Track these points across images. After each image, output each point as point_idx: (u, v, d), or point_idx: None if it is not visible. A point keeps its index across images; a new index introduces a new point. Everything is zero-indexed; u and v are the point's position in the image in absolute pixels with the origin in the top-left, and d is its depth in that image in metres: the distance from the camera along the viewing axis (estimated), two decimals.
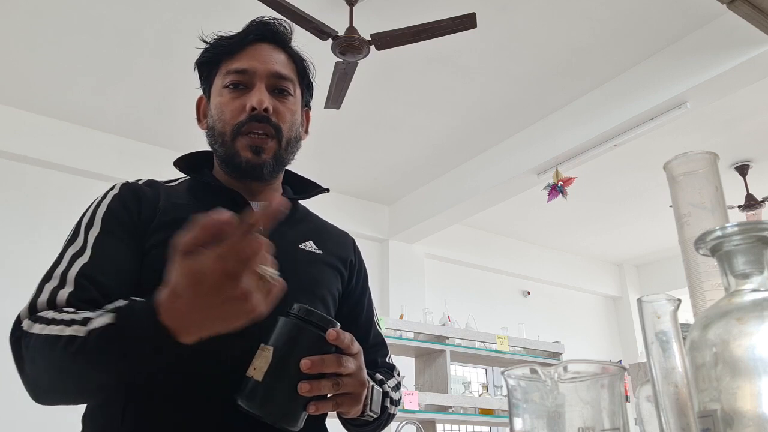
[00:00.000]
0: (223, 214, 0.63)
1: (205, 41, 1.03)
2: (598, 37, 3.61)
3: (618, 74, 3.95)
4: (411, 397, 3.17)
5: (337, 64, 3.20)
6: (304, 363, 0.72)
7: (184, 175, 1.04)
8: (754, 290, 0.47)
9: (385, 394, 0.94)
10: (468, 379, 4.69)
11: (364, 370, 0.81)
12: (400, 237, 5.68)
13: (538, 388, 0.50)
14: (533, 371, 0.51)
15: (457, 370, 5.63)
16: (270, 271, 0.64)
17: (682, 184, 0.63)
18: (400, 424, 3.15)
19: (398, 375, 1.09)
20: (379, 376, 0.97)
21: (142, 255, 0.88)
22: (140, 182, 0.98)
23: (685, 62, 3.59)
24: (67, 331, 0.72)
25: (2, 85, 3.91)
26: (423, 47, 3.35)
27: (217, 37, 1.03)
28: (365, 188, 5.48)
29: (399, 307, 5.01)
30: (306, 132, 1.11)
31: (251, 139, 0.95)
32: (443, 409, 3.38)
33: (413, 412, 3.17)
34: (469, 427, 5.13)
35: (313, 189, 1.11)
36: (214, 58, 1.02)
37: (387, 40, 3.01)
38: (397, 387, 1.04)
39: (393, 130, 4.55)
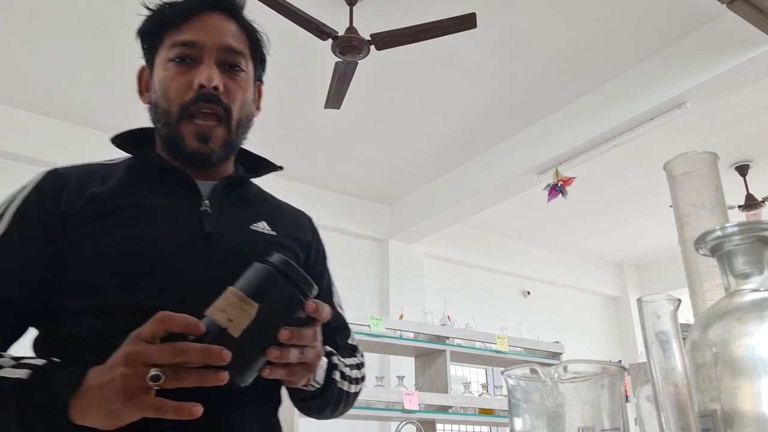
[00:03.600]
0: (185, 318, 0.66)
1: (148, 8, 0.94)
2: (598, 37, 3.61)
3: (618, 74, 3.95)
4: (411, 397, 3.17)
5: (337, 64, 3.20)
6: (284, 334, 0.69)
7: (124, 154, 0.96)
8: (754, 290, 0.47)
9: (333, 366, 0.90)
10: (468, 379, 4.69)
11: (322, 340, 0.79)
12: (400, 237, 5.68)
13: (538, 388, 0.50)
14: (533, 371, 0.51)
15: (457, 370, 5.63)
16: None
17: (682, 184, 0.63)
18: (400, 424, 3.15)
19: (362, 356, 1.05)
20: (327, 348, 0.92)
21: (61, 250, 0.81)
22: (69, 167, 0.91)
23: (685, 62, 3.59)
24: None
25: (2, 85, 3.91)
26: (423, 47, 3.35)
27: (161, 3, 0.94)
28: (365, 188, 5.48)
29: (399, 307, 5.01)
30: (258, 108, 1.02)
31: (198, 126, 0.89)
32: (443, 409, 3.38)
33: (413, 412, 3.17)
34: (469, 427, 5.13)
35: (265, 167, 1.04)
36: (159, 27, 0.94)
37: (387, 40, 3.01)
38: (358, 366, 1.00)
39: (393, 130, 4.55)
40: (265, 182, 1.03)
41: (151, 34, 0.95)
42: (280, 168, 1.04)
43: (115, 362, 0.66)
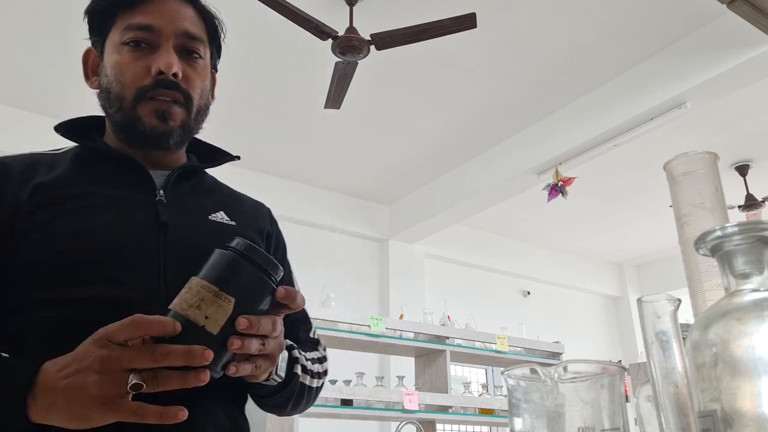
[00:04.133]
0: (161, 321, 0.63)
1: None
2: (598, 37, 3.61)
3: (618, 74, 3.95)
4: (411, 397, 3.17)
5: (337, 64, 3.20)
6: (242, 323, 0.64)
7: (70, 143, 0.93)
8: (754, 290, 0.47)
9: (295, 360, 0.86)
10: (468, 379, 4.69)
11: (283, 331, 0.75)
12: (400, 237, 5.68)
13: (538, 388, 0.50)
14: (533, 371, 0.51)
15: (457, 370, 5.64)
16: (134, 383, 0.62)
17: (682, 184, 0.63)
18: (400, 424, 3.15)
19: (324, 350, 1.01)
20: (288, 342, 0.87)
21: (6, 242, 0.78)
22: (14, 156, 0.87)
23: (685, 62, 3.59)
24: None
25: (2, 85, 3.91)
26: (423, 47, 3.35)
27: None
28: (365, 188, 5.48)
29: (399, 307, 5.00)
30: (213, 97, 0.99)
31: (158, 103, 0.85)
32: (443, 409, 3.38)
33: (413, 412, 3.17)
34: (469, 427, 5.13)
35: (221, 157, 1.00)
36: (111, 7, 0.89)
37: (387, 40, 3.01)
38: (320, 360, 0.96)
39: (393, 130, 4.55)
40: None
41: (102, 14, 0.90)
42: (237, 158, 1.01)
43: (86, 366, 0.63)
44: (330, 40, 3.02)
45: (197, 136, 0.97)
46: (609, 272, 7.36)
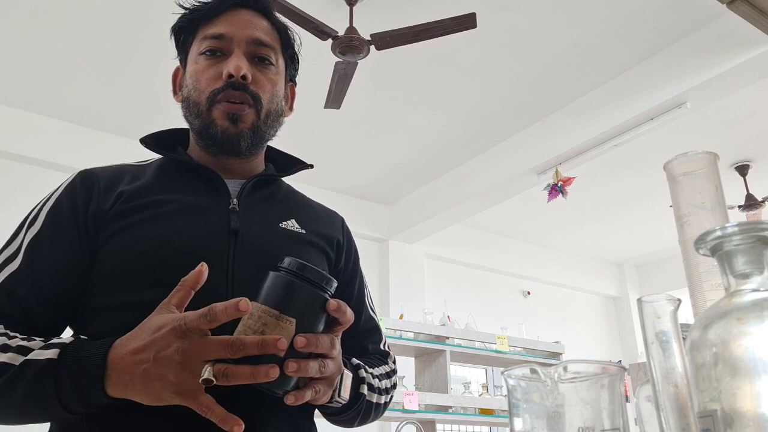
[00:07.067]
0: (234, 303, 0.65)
1: (182, 6, 0.97)
2: (598, 37, 3.61)
3: (618, 74, 3.95)
4: (411, 397, 3.17)
5: (337, 64, 3.20)
6: (299, 341, 0.65)
7: (156, 155, 0.97)
8: (754, 290, 0.47)
9: (361, 380, 0.87)
10: (468, 379, 4.69)
11: (341, 352, 0.76)
12: (400, 237, 5.68)
13: (538, 388, 0.50)
14: (533, 371, 0.51)
15: (457, 370, 5.63)
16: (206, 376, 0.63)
17: (682, 184, 0.63)
18: (400, 424, 3.15)
19: (393, 363, 1.02)
20: (355, 361, 0.90)
21: (93, 249, 0.83)
22: (102, 167, 0.93)
23: (685, 62, 3.59)
24: (1, 357, 0.70)
25: (2, 85, 3.91)
26: (423, 47, 3.35)
27: (195, 2, 0.96)
28: (365, 188, 5.48)
29: (399, 307, 5.01)
30: (291, 109, 1.03)
31: (228, 105, 0.89)
32: (443, 409, 3.38)
33: (413, 412, 3.17)
34: (469, 427, 5.13)
35: (295, 165, 1.05)
36: (191, 23, 0.96)
37: (387, 40, 3.01)
38: (388, 375, 0.98)
39: (393, 130, 4.55)
40: None
41: (184, 30, 0.97)
42: (311, 166, 1.04)
43: (166, 355, 0.65)
44: (330, 40, 3.02)
45: (274, 144, 1.01)
46: (609, 272, 7.36)
